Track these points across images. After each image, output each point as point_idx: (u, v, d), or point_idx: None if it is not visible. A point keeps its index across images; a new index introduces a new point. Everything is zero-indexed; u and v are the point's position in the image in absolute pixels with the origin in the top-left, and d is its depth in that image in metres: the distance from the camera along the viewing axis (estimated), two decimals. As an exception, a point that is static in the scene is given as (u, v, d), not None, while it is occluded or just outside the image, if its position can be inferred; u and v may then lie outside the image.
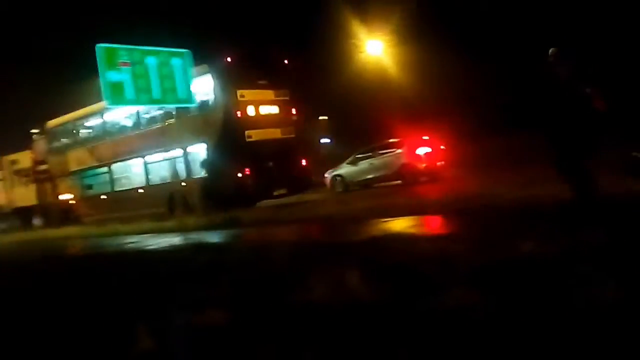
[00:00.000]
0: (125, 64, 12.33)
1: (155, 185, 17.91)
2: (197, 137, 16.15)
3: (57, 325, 4.80)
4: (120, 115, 18.70)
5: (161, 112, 17.23)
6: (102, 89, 12.20)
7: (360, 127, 27.99)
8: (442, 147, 17.24)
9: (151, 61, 12.91)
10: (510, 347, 2.98)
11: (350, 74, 30.36)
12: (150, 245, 10.79)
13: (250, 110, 15.87)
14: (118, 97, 12.34)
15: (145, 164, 18.18)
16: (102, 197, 19.80)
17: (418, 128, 18.82)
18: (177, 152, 17.00)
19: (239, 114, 15.54)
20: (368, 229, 8.31)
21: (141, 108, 17.43)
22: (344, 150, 22.11)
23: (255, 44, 18.04)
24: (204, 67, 15.64)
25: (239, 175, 15.35)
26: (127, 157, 18.64)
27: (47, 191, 22.78)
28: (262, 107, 16.25)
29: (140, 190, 18.35)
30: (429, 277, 4.44)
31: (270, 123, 16.37)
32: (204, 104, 15.92)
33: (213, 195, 15.57)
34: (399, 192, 13.79)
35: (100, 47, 11.99)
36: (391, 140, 17.83)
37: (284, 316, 4.07)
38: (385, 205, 10.61)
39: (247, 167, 15.48)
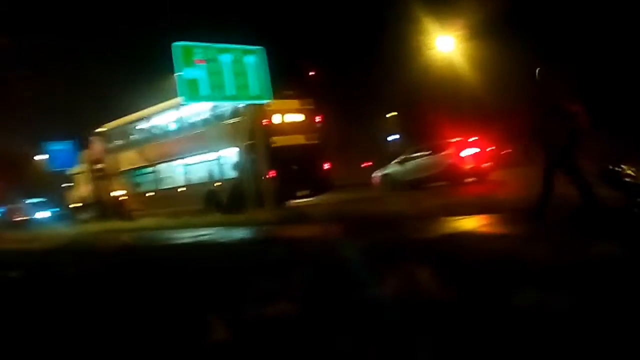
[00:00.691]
0: (200, 61, 12.65)
1: (194, 184, 19.89)
2: (230, 142, 17.97)
3: (134, 313, 5.02)
4: (166, 120, 21.12)
5: (200, 118, 19.34)
6: (178, 85, 12.59)
7: (429, 124, 27.71)
8: (490, 148, 17.16)
9: (225, 58, 13.17)
10: (587, 347, 2.95)
11: (420, 71, 30.07)
12: (221, 238, 11.05)
13: (276, 119, 17.55)
14: (193, 93, 12.66)
15: (186, 165, 20.31)
16: (149, 194, 22.07)
17: (485, 127, 18.64)
18: (213, 155, 18.98)
19: (265, 122, 16.96)
20: (439, 226, 8.30)
21: (183, 114, 19.97)
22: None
23: (287, 57, 18.63)
24: None
25: (264, 177, 16.37)
26: (171, 158, 20.87)
27: (103, 188, 24.93)
28: (288, 115, 17.95)
29: (181, 189, 20.46)
30: (506, 275, 4.43)
31: (295, 130, 17.97)
32: (236, 111, 17.65)
33: (242, 195, 17.02)
34: (449, 192, 13.78)
35: (177, 45, 12.33)
36: (440, 140, 18.01)
37: (356, 311, 4.09)
38: (449, 204, 10.60)
39: (272, 170, 16.47)
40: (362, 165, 26.29)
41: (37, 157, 28.07)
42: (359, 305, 4.20)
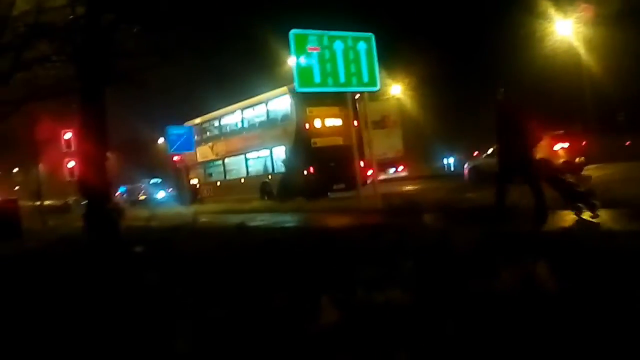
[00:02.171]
0: (314, 48, 12.86)
1: (252, 176, 23.92)
2: (279, 141, 21.82)
3: (248, 289, 5.24)
4: (232, 119, 25.36)
5: (259, 119, 23.59)
6: (294, 73, 12.89)
7: (544, 113, 26.54)
8: (583, 142, 16.22)
9: (338, 46, 13.31)
10: None
11: (536, 57, 28.80)
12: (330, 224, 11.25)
13: (317, 123, 20.80)
14: (307, 81, 12.91)
15: (246, 160, 24.43)
16: (217, 183, 26.50)
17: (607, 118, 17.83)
18: (266, 152, 22.86)
19: (307, 125, 20.55)
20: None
21: (247, 114, 24.23)
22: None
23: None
24: (284, 89, 21.44)
25: (305, 172, 19.99)
26: (235, 153, 25.04)
27: (182, 177, 29.29)
28: (327, 119, 20.96)
29: (242, 180, 24.50)
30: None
31: (334, 132, 20.77)
32: (284, 116, 21.66)
33: (288, 187, 20.64)
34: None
35: (294, 32, 12.63)
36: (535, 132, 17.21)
37: (466, 302, 4.06)
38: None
39: (311, 166, 20.05)
40: (474, 154, 25.68)
41: (159, 141, 30.52)
42: (472, 297, 4.17)
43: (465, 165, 20.07)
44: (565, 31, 28.46)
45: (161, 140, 32.52)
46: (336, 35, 13.41)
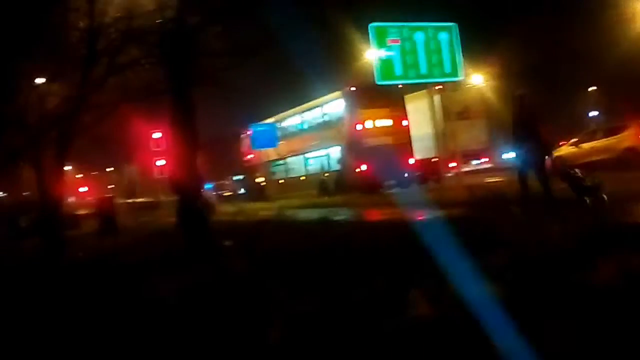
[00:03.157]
0: (394, 41, 12.77)
1: (311, 174, 25.86)
2: (335, 142, 23.80)
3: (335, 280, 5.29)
4: (293, 122, 27.29)
5: (316, 121, 25.53)
6: (374, 66, 12.85)
7: (635, 100, 25.10)
8: None
9: (419, 37, 13.15)
10: None
11: (630, 42, 27.29)
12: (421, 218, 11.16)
13: (369, 124, 22.40)
14: (387, 73, 12.86)
15: (306, 159, 26.47)
16: (280, 181, 28.66)
17: None
18: (324, 152, 24.93)
19: (359, 126, 22.27)
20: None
21: (306, 117, 26.22)
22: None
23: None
24: (338, 93, 23.49)
25: (358, 170, 21.78)
26: (295, 153, 26.99)
27: (251, 175, 31.85)
28: (378, 120, 22.53)
29: (302, 178, 26.45)
30: None
31: (384, 132, 22.29)
32: (339, 118, 23.62)
33: (343, 184, 22.51)
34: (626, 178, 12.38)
35: (374, 26, 12.59)
36: (618, 122, 16.27)
37: (568, 296, 3.95)
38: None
39: (364, 164, 21.66)
40: (560, 144, 24.69)
41: (242, 137, 31.98)
42: (572, 291, 4.04)
43: (547, 156, 19.19)
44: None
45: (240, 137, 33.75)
46: (417, 26, 13.27)
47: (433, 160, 21.05)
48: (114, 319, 5.11)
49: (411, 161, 22.25)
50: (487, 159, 30.21)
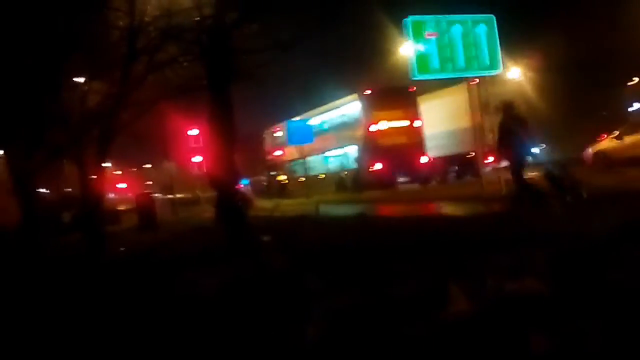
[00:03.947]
0: (432, 34, 12.62)
1: (330, 173, 28.09)
2: (352, 141, 25.78)
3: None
4: (313, 122, 27.44)
5: (335, 122, 27.42)
6: (410, 61, 12.73)
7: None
8: None
9: (457, 30, 12.97)
10: None
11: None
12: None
13: (383, 125, 24.28)
14: (425, 68, 12.72)
15: (325, 158, 28.69)
16: (301, 179, 29.37)
17: None
18: (342, 151, 27.02)
19: (374, 127, 24.20)
20: None
21: (325, 118, 28.12)
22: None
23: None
24: (354, 95, 25.60)
25: (373, 168, 23.61)
26: (316, 153, 28.01)
27: (272, 173, 33.61)
28: (392, 121, 24.41)
29: (321, 176, 28.49)
30: None
31: (398, 132, 24.25)
32: (355, 120, 25.48)
33: (360, 181, 24.24)
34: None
35: (411, 19, 12.48)
36: None
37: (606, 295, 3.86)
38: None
39: (379, 162, 23.46)
40: (601, 137, 24.11)
41: (264, 135, 33.41)
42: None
43: (588, 150, 18.69)
44: None
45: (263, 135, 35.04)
46: (454, 19, 13.08)
47: (469, 155, 20.80)
48: (157, 313, 5.19)
49: (424, 159, 24.26)
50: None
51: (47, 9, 11.28)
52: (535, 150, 21.94)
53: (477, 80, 15.60)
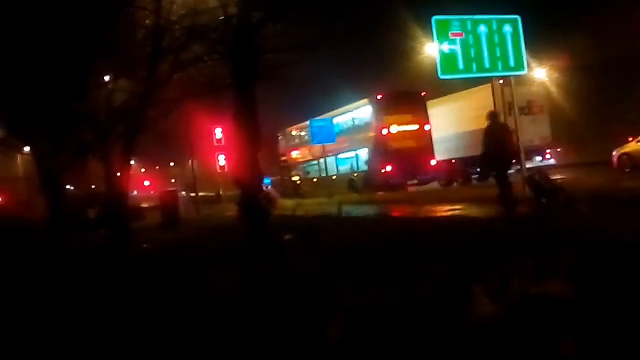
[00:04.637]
0: (457, 34, 12.52)
1: (342, 174, 28.21)
2: (362, 144, 26.32)
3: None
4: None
5: (347, 125, 27.98)
6: (437, 60, 12.65)
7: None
8: None
9: (482, 30, 12.83)
10: None
11: None
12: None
13: (393, 128, 24.93)
14: (450, 68, 12.60)
15: (337, 159, 28.79)
16: (314, 180, 30.76)
17: None
18: (353, 153, 27.28)
19: (385, 131, 24.87)
20: None
21: (338, 121, 28.12)
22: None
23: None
24: (365, 100, 26.21)
25: (383, 170, 24.23)
26: (328, 155, 29.21)
27: (286, 174, 34.08)
28: (403, 125, 25.05)
29: (334, 177, 28.86)
30: None
31: (408, 136, 24.94)
32: (366, 123, 26.22)
33: (370, 183, 24.97)
34: None
35: (436, 19, 12.39)
36: None
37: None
38: None
39: (388, 165, 24.22)
40: (629, 140, 23.77)
41: (279, 137, 33.83)
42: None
43: (615, 152, 18.51)
44: None
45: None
46: (480, 19, 12.94)
47: None
48: (179, 309, 5.24)
49: (432, 162, 24.85)
50: (549, 156, 29.36)
51: (75, 10, 11.45)
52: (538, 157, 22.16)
53: (502, 81, 15.47)
